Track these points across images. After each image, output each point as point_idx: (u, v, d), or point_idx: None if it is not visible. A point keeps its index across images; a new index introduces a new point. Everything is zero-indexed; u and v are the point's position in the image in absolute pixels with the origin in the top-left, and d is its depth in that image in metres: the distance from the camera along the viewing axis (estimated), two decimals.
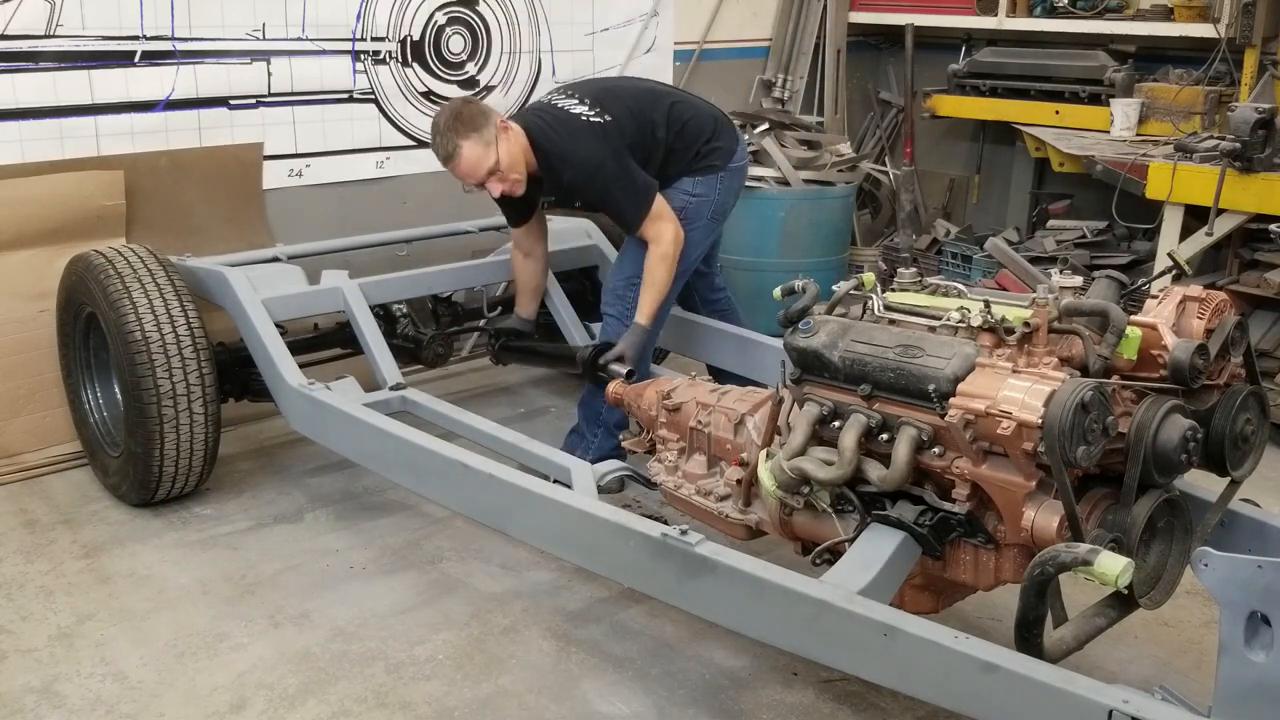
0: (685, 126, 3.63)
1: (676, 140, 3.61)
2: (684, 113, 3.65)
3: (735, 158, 3.69)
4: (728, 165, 3.66)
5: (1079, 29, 5.52)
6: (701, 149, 3.63)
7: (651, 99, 3.67)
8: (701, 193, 3.63)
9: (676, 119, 3.62)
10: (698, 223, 3.64)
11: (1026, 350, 2.29)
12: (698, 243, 3.69)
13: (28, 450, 4.03)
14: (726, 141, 3.68)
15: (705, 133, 3.66)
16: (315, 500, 3.82)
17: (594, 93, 3.61)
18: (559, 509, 2.74)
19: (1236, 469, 2.41)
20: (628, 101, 3.60)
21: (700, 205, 3.64)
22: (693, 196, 3.62)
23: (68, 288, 3.76)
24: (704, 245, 3.77)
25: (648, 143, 3.56)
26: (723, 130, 3.71)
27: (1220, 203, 4.22)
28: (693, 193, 3.63)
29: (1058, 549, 2.04)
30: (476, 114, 3.49)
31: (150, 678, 2.83)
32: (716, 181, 3.65)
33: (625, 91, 3.70)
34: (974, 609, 3.00)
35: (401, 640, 3.00)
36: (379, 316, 3.96)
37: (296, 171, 4.62)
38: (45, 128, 3.99)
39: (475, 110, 3.52)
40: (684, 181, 3.62)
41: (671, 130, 3.60)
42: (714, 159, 3.63)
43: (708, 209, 3.65)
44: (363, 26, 4.66)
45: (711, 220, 3.70)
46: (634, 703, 2.75)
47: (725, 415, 2.83)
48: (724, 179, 3.66)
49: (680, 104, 3.69)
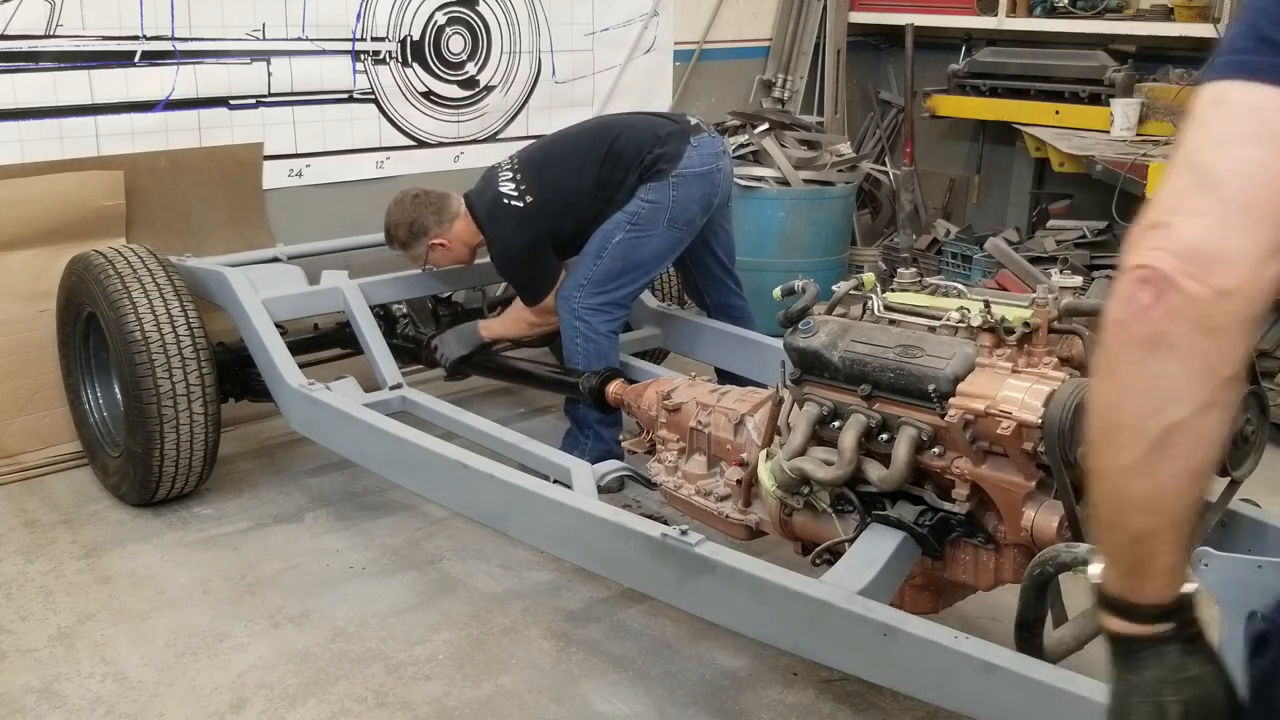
0: (620, 155, 3.66)
1: (614, 171, 3.66)
2: (619, 142, 3.69)
3: (683, 163, 3.63)
4: (674, 171, 3.62)
5: (1079, 29, 5.51)
6: (645, 161, 3.63)
7: (589, 148, 3.72)
8: (654, 199, 3.62)
9: (611, 153, 3.67)
10: (653, 229, 3.64)
11: (1026, 350, 2.29)
12: (655, 250, 3.69)
13: (28, 450, 4.02)
14: (669, 147, 3.65)
15: (645, 147, 3.66)
16: (315, 500, 3.82)
17: (527, 164, 3.78)
18: (559, 509, 2.74)
19: (1236, 469, 2.40)
20: (556, 170, 3.71)
21: (654, 210, 3.63)
22: (646, 202, 3.63)
23: (68, 288, 3.76)
24: (667, 253, 3.75)
25: (575, 204, 3.68)
26: (668, 139, 3.68)
27: None
28: (645, 199, 3.63)
29: (1058, 549, 2.04)
30: (406, 235, 3.86)
31: (150, 678, 2.83)
32: (669, 187, 3.62)
33: (560, 155, 3.77)
34: (974, 609, 2.99)
35: (401, 640, 3.00)
36: (379, 316, 3.96)
37: (296, 171, 4.62)
38: (45, 128, 3.98)
39: (405, 230, 3.85)
40: (641, 188, 3.64)
41: (605, 167, 3.66)
42: (660, 164, 3.63)
43: (663, 215, 3.63)
44: (363, 26, 4.66)
45: (670, 226, 3.66)
46: (634, 703, 2.75)
47: (725, 415, 2.83)
48: (676, 184, 3.62)
49: (620, 135, 3.72)
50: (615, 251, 3.64)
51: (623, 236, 3.64)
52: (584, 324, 3.66)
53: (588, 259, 3.69)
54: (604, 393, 3.48)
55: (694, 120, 3.86)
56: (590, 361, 3.65)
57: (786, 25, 6.21)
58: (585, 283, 3.67)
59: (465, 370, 4.07)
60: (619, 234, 3.64)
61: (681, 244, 3.77)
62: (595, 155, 3.69)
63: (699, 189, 3.68)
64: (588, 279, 3.67)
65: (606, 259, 3.65)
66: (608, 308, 3.69)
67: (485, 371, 4.10)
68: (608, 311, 3.69)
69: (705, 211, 3.75)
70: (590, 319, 3.66)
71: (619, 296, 3.70)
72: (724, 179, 3.79)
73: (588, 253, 3.69)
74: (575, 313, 3.67)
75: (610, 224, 3.65)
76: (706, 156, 3.70)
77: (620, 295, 3.70)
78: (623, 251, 3.65)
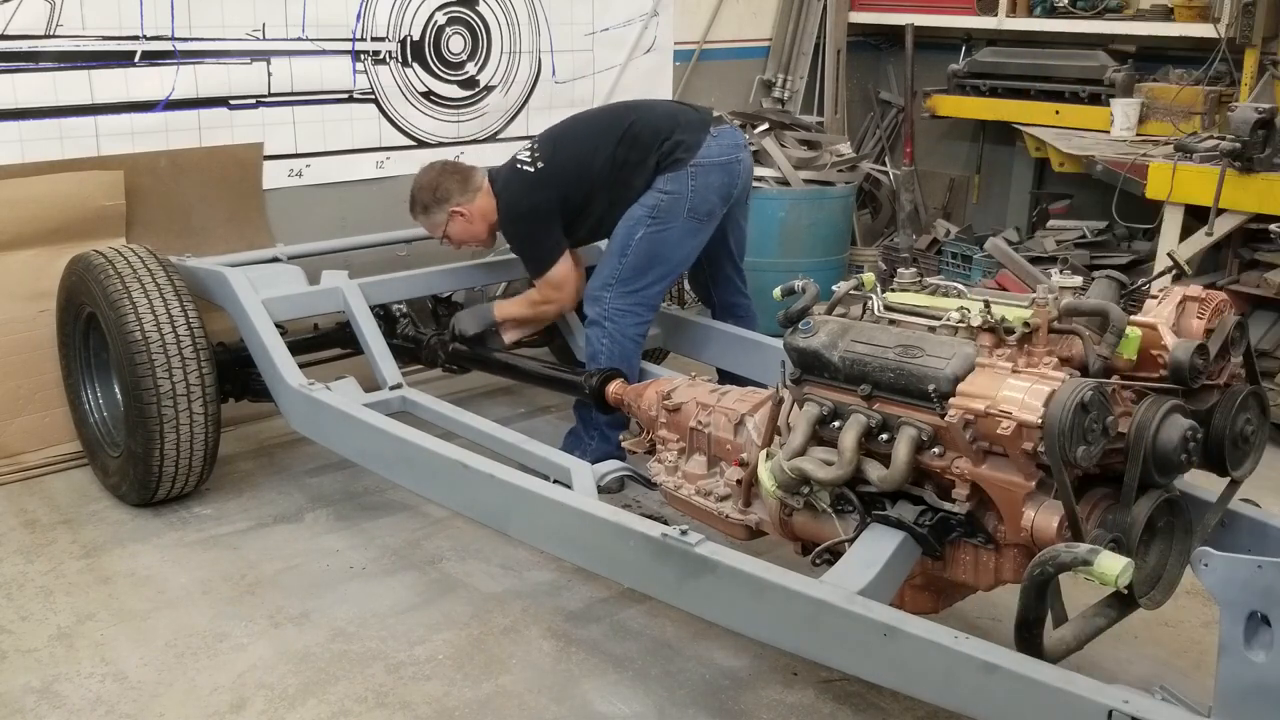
0: (637, 137, 3.65)
1: (630, 153, 3.64)
2: (637, 125, 3.68)
3: (702, 153, 3.62)
4: (692, 160, 3.61)
5: (1079, 29, 5.51)
6: (664, 147, 3.62)
7: (607, 126, 3.72)
8: (673, 189, 3.61)
9: (628, 134, 3.66)
10: (673, 221, 3.63)
11: (1026, 350, 2.29)
12: (677, 242, 3.67)
13: (28, 450, 4.03)
14: (688, 136, 3.64)
15: (662, 133, 3.65)
16: (315, 500, 3.82)
17: (546, 137, 3.84)
18: (559, 509, 2.74)
19: (1236, 469, 2.41)
20: (573, 144, 3.72)
21: (674, 202, 3.61)
22: (664, 194, 3.61)
23: (68, 288, 3.76)
24: (690, 245, 3.72)
25: (589, 176, 3.66)
26: (684, 126, 3.67)
27: (1220, 203, 4.22)
28: (664, 190, 3.61)
29: (1058, 549, 2.04)
30: (429, 199, 3.85)
31: (150, 678, 2.83)
32: (687, 177, 3.61)
33: (579, 130, 3.79)
34: (974, 609, 3.00)
35: (401, 640, 3.00)
36: (379, 316, 3.96)
37: (296, 171, 4.62)
38: (45, 128, 3.99)
39: (429, 194, 3.85)
40: (659, 179, 3.63)
41: (623, 147, 3.64)
42: (678, 153, 3.61)
43: (683, 206, 3.62)
44: (363, 26, 4.66)
45: (690, 218, 3.64)
46: (634, 703, 2.75)
47: (725, 415, 2.83)
48: (695, 174, 3.61)
49: (638, 119, 3.71)
50: (639, 248, 3.63)
51: (645, 232, 3.62)
52: (613, 324, 3.65)
53: (612, 257, 3.67)
54: (604, 392, 3.49)
55: (716, 113, 3.86)
56: (613, 362, 3.63)
57: (786, 25, 6.21)
58: (614, 281, 3.65)
59: (464, 363, 4.08)
60: (641, 229, 3.62)
61: (703, 235, 3.74)
62: (613, 133, 3.67)
63: (718, 179, 3.67)
64: (615, 278, 3.65)
65: (631, 255, 3.64)
66: (638, 309, 3.67)
67: (488, 368, 4.10)
68: (637, 313, 3.68)
69: (725, 202, 3.73)
70: (619, 320, 3.65)
71: (648, 296, 3.69)
72: (744, 171, 3.79)
73: (611, 251, 3.68)
74: (605, 314, 3.65)
75: (630, 220, 3.64)
76: (726, 148, 3.70)
77: (649, 295, 3.69)
78: (646, 247, 3.63)
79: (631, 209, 3.64)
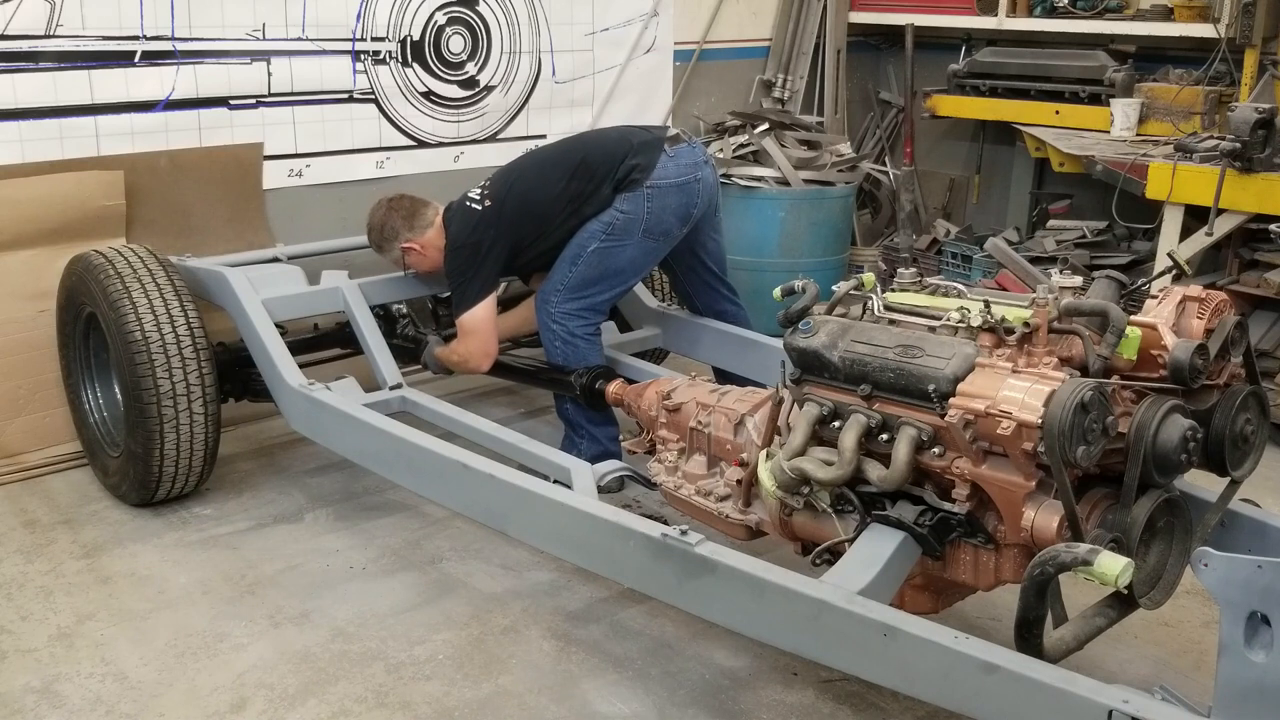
0: (591, 169, 3.66)
1: (585, 185, 3.65)
2: (589, 158, 3.69)
3: (657, 174, 3.63)
4: (647, 181, 3.62)
5: (1079, 29, 5.51)
6: (619, 172, 3.63)
7: (557, 162, 3.72)
8: (629, 209, 3.62)
9: (581, 168, 3.67)
10: (628, 239, 3.64)
11: (1026, 350, 2.29)
12: (630, 259, 3.69)
13: (28, 450, 4.03)
14: (642, 158, 3.65)
15: (615, 157, 3.66)
16: (315, 500, 3.82)
17: (498, 175, 3.83)
18: (559, 509, 2.74)
19: (1236, 469, 2.41)
20: (525, 181, 3.72)
21: (629, 221, 3.63)
22: (621, 213, 3.63)
23: (68, 288, 3.76)
24: (643, 262, 3.75)
25: (539, 214, 3.67)
26: (637, 149, 3.67)
27: (1220, 203, 4.22)
28: (620, 209, 3.63)
29: (1058, 549, 2.04)
30: (378, 238, 3.90)
31: (150, 678, 2.83)
32: (643, 199, 3.62)
33: (531, 167, 3.80)
34: (974, 609, 3.00)
35: (401, 640, 3.00)
36: (379, 316, 3.96)
37: (296, 171, 4.62)
38: (45, 128, 3.99)
39: (377, 233, 3.90)
40: (617, 199, 3.64)
41: (576, 181, 3.65)
42: (634, 174, 3.63)
43: (637, 226, 3.63)
44: (363, 26, 4.66)
45: (645, 237, 3.66)
46: (634, 703, 2.75)
47: (725, 415, 2.83)
48: (651, 196, 3.62)
49: (589, 152, 3.71)
50: (590, 260, 3.65)
51: (598, 245, 3.64)
52: (561, 327, 3.69)
53: (564, 264, 3.69)
54: (595, 390, 3.50)
55: (674, 131, 3.86)
56: (570, 361, 3.67)
57: (786, 25, 6.21)
58: (561, 288, 3.69)
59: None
60: (594, 243, 3.64)
61: (658, 254, 3.78)
62: (566, 167, 3.69)
63: (674, 200, 3.67)
64: (564, 284, 3.69)
65: (581, 266, 3.66)
66: (584, 313, 3.70)
67: None
68: (584, 316, 3.70)
69: (684, 223, 3.74)
70: (566, 323, 3.69)
71: (595, 303, 3.72)
72: (704, 189, 3.76)
73: (564, 258, 3.70)
74: (552, 315, 3.69)
75: (586, 232, 3.66)
76: (684, 167, 3.69)
77: (596, 301, 3.72)
78: (597, 260, 3.66)
79: (589, 223, 3.66)
